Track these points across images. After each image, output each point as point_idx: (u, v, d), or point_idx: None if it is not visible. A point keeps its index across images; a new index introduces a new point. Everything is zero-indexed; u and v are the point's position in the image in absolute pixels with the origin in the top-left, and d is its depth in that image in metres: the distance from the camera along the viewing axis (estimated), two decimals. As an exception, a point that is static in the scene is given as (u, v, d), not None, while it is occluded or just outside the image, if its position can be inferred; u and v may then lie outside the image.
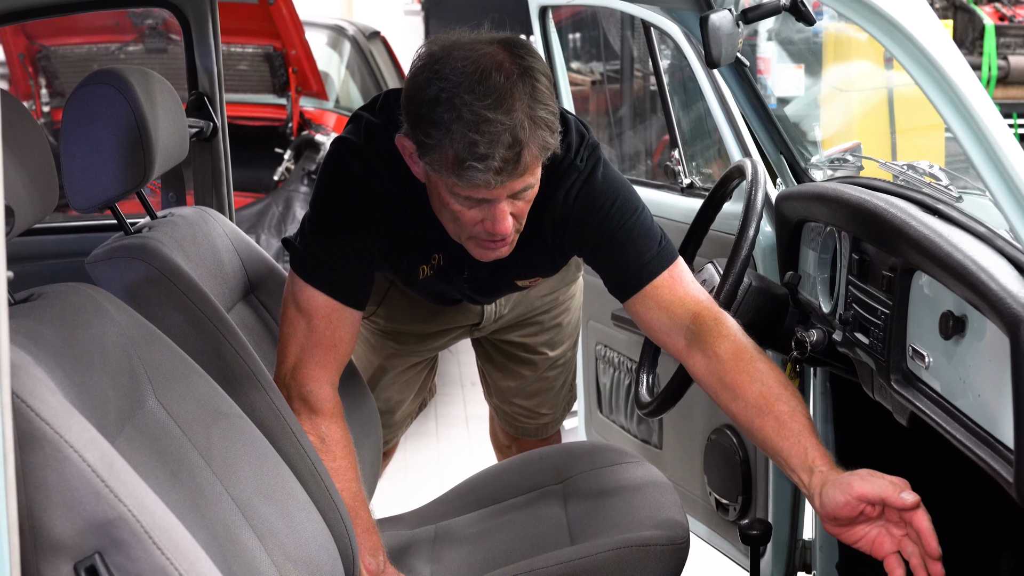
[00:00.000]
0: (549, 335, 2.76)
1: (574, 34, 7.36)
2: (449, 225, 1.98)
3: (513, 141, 1.78)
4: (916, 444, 2.06)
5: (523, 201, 1.91)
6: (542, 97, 1.82)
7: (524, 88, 1.80)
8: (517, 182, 1.84)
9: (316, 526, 1.85)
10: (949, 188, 1.93)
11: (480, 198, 1.86)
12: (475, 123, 1.77)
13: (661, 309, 2.02)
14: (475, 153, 1.77)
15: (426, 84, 1.82)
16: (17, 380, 1.26)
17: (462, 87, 1.78)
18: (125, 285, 1.97)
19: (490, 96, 1.77)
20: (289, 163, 5.25)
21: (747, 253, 2.05)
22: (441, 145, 1.80)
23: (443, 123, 1.79)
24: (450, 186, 1.86)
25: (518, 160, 1.79)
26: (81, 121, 1.93)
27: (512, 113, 1.78)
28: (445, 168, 1.82)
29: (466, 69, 1.79)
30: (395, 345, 2.63)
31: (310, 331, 2.04)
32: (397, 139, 1.94)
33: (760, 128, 2.55)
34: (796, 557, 2.69)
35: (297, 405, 2.04)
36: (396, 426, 2.78)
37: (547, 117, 1.82)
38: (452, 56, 1.82)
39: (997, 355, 1.56)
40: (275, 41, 5.14)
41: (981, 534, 2.15)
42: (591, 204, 2.03)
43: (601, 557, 2.02)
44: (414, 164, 1.94)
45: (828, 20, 6.15)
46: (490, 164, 1.78)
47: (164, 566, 1.27)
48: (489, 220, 1.89)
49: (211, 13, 2.79)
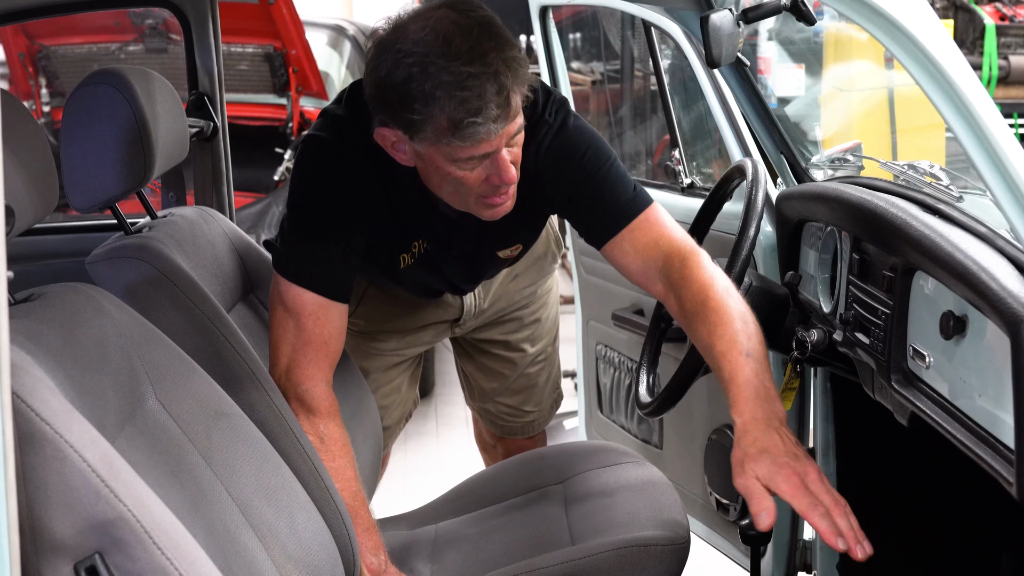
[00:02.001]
0: (529, 331, 2.76)
1: (574, 34, 7.36)
2: (451, 196, 2.00)
3: (499, 87, 1.81)
4: (916, 444, 2.06)
5: (517, 146, 1.94)
6: (507, 40, 1.86)
7: (488, 36, 1.83)
8: (512, 126, 1.87)
9: (316, 526, 1.85)
10: (950, 188, 1.93)
11: (482, 154, 1.88)
12: (458, 82, 1.79)
13: (637, 253, 2.05)
14: (469, 109, 1.80)
15: (393, 68, 1.83)
16: (17, 380, 1.26)
17: (431, 55, 1.80)
18: (125, 285, 1.97)
19: (461, 53, 1.80)
20: (289, 163, 5.25)
21: (747, 253, 2.05)
22: (432, 116, 1.82)
23: (426, 94, 1.81)
24: (450, 154, 1.88)
25: (509, 103, 1.83)
26: (81, 121, 1.93)
27: (487, 61, 1.81)
28: (443, 136, 1.84)
29: (427, 38, 1.82)
30: (376, 345, 2.63)
31: (299, 330, 2.06)
32: (376, 134, 1.95)
33: (760, 128, 2.55)
34: (796, 557, 2.69)
35: (294, 406, 2.05)
36: (386, 434, 2.76)
37: (518, 56, 1.86)
38: (406, 33, 1.84)
39: (998, 355, 1.56)
40: (275, 41, 5.14)
41: (981, 534, 2.15)
42: (565, 155, 2.07)
43: (601, 557, 2.02)
44: (399, 152, 1.96)
45: (829, 20, 6.15)
46: (488, 114, 1.81)
47: (164, 566, 1.27)
48: (495, 173, 1.91)
49: (211, 13, 2.79)
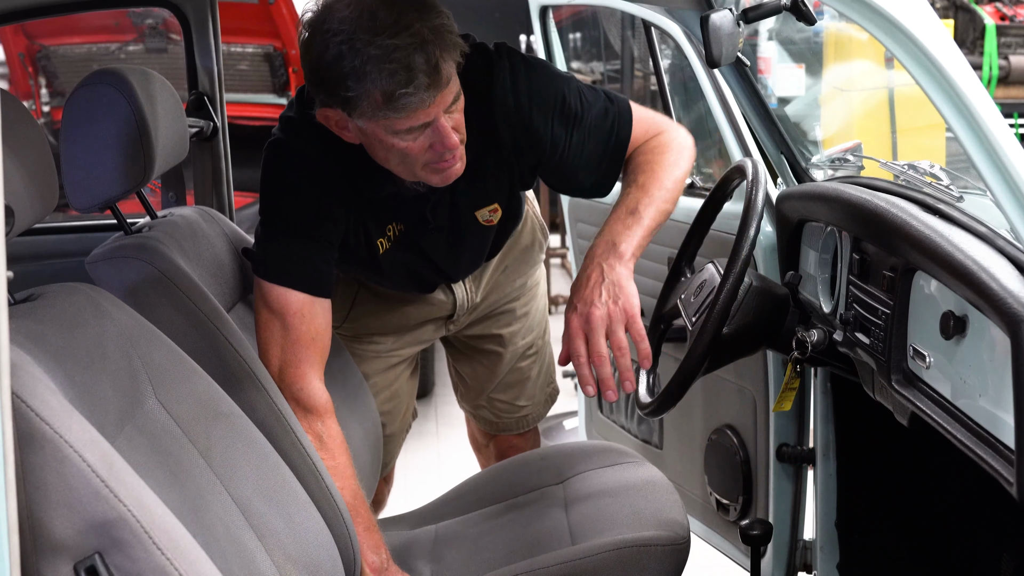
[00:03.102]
0: (520, 324, 2.76)
1: (574, 34, 7.36)
2: (399, 168, 2.02)
3: (427, 56, 1.83)
4: (917, 444, 2.06)
5: (457, 112, 1.95)
6: (432, 8, 1.88)
7: (412, 7, 1.85)
8: (446, 93, 1.89)
9: (316, 526, 1.85)
10: (950, 188, 1.93)
11: (420, 124, 1.90)
12: (385, 55, 1.81)
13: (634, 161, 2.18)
14: (399, 80, 1.82)
15: (323, 48, 1.86)
16: (17, 380, 1.26)
17: (357, 31, 1.83)
18: (125, 285, 1.97)
19: (387, 27, 1.82)
20: (289, 163, 5.25)
21: (747, 253, 2.05)
22: (364, 90, 1.84)
23: (355, 70, 1.83)
24: (388, 127, 1.90)
25: (438, 71, 1.84)
26: (81, 121, 1.93)
27: (412, 32, 1.83)
28: (378, 110, 1.86)
29: (352, 15, 1.84)
30: (372, 348, 2.62)
31: (287, 330, 2.07)
32: (318, 115, 1.98)
33: (761, 128, 2.54)
34: (797, 557, 2.69)
35: (291, 406, 2.05)
36: (390, 444, 2.75)
37: (444, 23, 1.88)
38: (332, 13, 1.87)
39: (998, 355, 1.56)
40: (275, 41, 5.13)
41: (981, 534, 2.15)
42: (543, 100, 2.10)
43: (601, 557, 2.02)
44: (344, 131, 1.99)
45: (829, 20, 6.15)
46: (418, 83, 1.82)
47: (164, 566, 1.27)
48: (436, 141, 1.93)
49: (211, 13, 2.79)
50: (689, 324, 2.17)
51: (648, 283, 3.01)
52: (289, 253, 2.08)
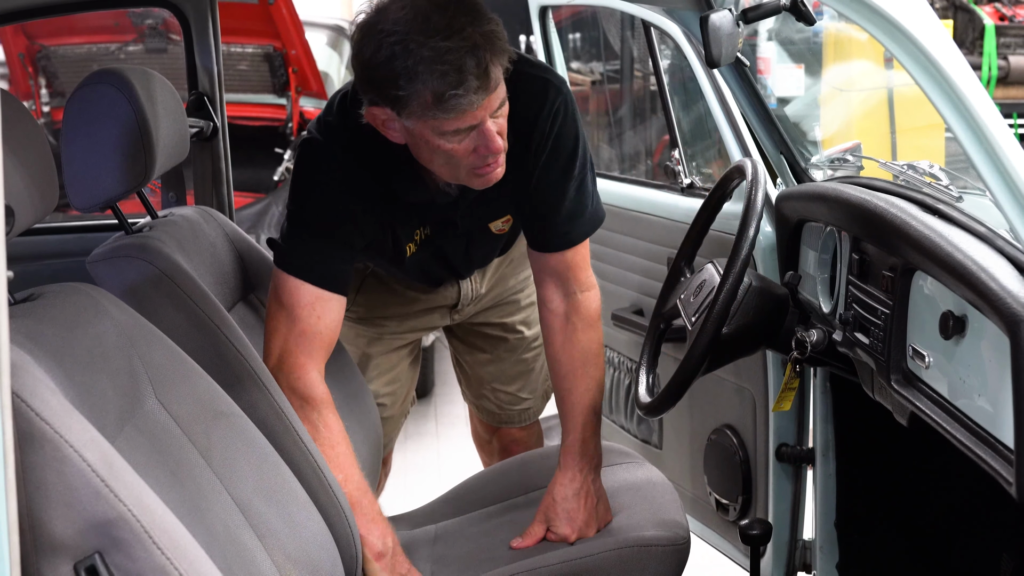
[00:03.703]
0: (525, 314, 2.78)
1: (574, 34, 7.35)
2: (443, 169, 2.05)
3: (477, 59, 1.87)
4: (916, 444, 2.06)
5: (502, 117, 1.99)
6: (482, 14, 1.92)
7: (464, 12, 1.90)
8: (493, 97, 1.93)
9: (317, 526, 1.85)
10: (949, 188, 1.93)
11: (467, 126, 1.94)
12: (437, 56, 1.86)
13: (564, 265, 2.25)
14: (449, 82, 1.86)
15: (376, 48, 1.90)
16: (17, 380, 1.26)
17: (411, 33, 1.87)
18: (126, 285, 1.97)
19: (440, 29, 1.86)
20: (289, 163, 5.25)
21: (747, 253, 2.05)
22: (415, 91, 1.88)
23: (408, 70, 1.87)
24: (436, 127, 1.94)
25: (488, 75, 1.89)
26: (82, 121, 1.93)
27: (464, 35, 1.87)
28: (427, 110, 1.90)
29: (406, 17, 1.89)
30: (376, 330, 2.66)
31: (293, 321, 2.11)
32: (367, 113, 2.01)
33: (760, 128, 2.54)
34: (796, 557, 2.69)
35: (288, 396, 2.07)
36: (388, 426, 2.77)
37: (494, 29, 1.92)
38: (386, 14, 1.91)
39: (997, 355, 1.56)
40: (275, 41, 5.13)
41: (981, 534, 2.15)
42: (566, 132, 2.16)
43: (601, 557, 2.02)
44: (390, 130, 2.02)
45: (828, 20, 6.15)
46: (468, 86, 1.87)
47: (164, 566, 1.27)
48: (481, 144, 1.97)
49: (211, 13, 2.78)
50: (689, 324, 2.17)
51: (648, 283, 3.02)
52: (309, 249, 2.12)
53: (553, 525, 2.16)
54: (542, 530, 2.17)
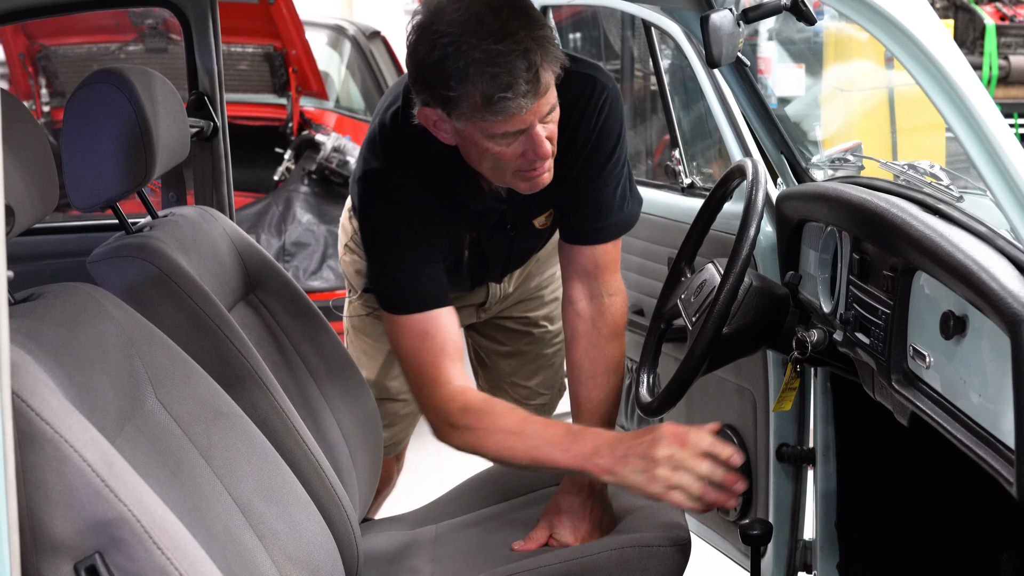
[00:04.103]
0: (548, 308, 2.79)
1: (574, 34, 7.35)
2: (490, 172, 2.06)
3: (528, 63, 1.88)
4: (917, 444, 2.06)
5: (552, 123, 2.00)
6: (536, 19, 1.93)
7: (518, 16, 1.91)
8: (543, 103, 1.93)
9: (317, 526, 1.85)
10: (950, 188, 1.93)
11: (516, 130, 1.94)
12: (489, 59, 1.87)
13: (585, 261, 2.27)
14: (500, 84, 1.87)
15: (430, 48, 1.91)
16: (17, 380, 1.26)
17: (464, 34, 1.88)
18: (126, 284, 1.97)
19: (493, 32, 1.87)
20: (289, 163, 5.25)
21: (747, 253, 2.05)
22: (465, 92, 1.89)
23: (459, 71, 1.88)
24: (485, 129, 1.94)
25: (538, 79, 1.90)
26: (83, 120, 1.93)
27: (516, 39, 1.88)
28: (476, 112, 1.91)
29: (460, 19, 1.90)
30: None
31: (431, 352, 2.11)
32: (418, 114, 2.01)
33: (761, 128, 2.54)
34: (797, 557, 2.69)
35: (460, 418, 2.06)
36: (405, 422, 2.78)
37: (547, 34, 1.93)
38: (442, 15, 1.92)
39: (998, 355, 1.56)
40: (275, 41, 5.13)
41: (981, 534, 2.15)
42: (611, 127, 2.17)
43: (602, 557, 2.02)
44: (441, 131, 2.02)
45: (829, 20, 6.15)
46: (517, 90, 1.88)
47: (164, 566, 1.27)
48: (530, 149, 1.97)
49: (211, 13, 2.78)
50: (689, 324, 2.17)
51: (648, 283, 3.02)
52: (403, 285, 2.13)
53: (556, 532, 2.16)
54: (545, 535, 2.17)
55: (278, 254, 4.91)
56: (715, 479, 1.92)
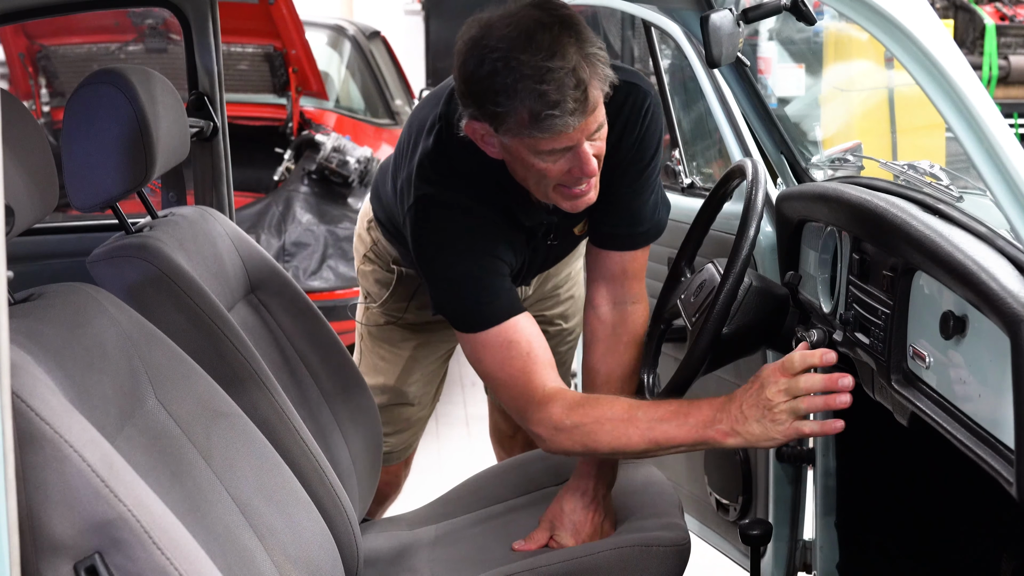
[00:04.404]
0: (564, 307, 2.79)
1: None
2: (535, 187, 2.04)
3: (577, 81, 1.87)
4: (916, 444, 2.06)
5: (599, 140, 1.98)
6: (587, 37, 1.92)
7: (569, 34, 1.89)
8: (591, 121, 1.92)
9: (317, 526, 1.85)
10: (950, 188, 1.93)
11: (563, 147, 1.93)
12: (538, 76, 1.85)
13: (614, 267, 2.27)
14: (547, 102, 1.86)
15: (479, 63, 1.90)
16: (17, 380, 1.26)
17: (514, 50, 1.87)
18: (126, 285, 1.97)
19: (543, 49, 1.86)
20: (289, 163, 5.25)
21: (747, 253, 2.05)
22: (513, 108, 1.88)
23: (508, 87, 1.87)
24: (532, 146, 1.93)
25: (586, 98, 1.88)
26: (83, 120, 1.93)
27: (567, 57, 1.87)
28: (523, 128, 1.90)
29: (511, 34, 1.88)
30: (425, 336, 2.66)
31: (520, 359, 2.07)
32: (466, 127, 2.00)
33: (761, 128, 2.54)
34: (796, 557, 2.69)
35: (566, 419, 2.02)
36: (416, 427, 2.78)
37: (598, 53, 1.92)
38: (493, 30, 1.91)
39: (998, 355, 1.56)
40: (275, 41, 5.13)
41: (981, 534, 2.15)
42: (651, 136, 2.17)
43: (602, 556, 2.02)
44: (488, 145, 2.01)
45: (829, 20, 6.15)
46: (565, 107, 1.86)
47: (164, 566, 1.27)
48: (576, 166, 1.96)
49: (211, 13, 2.78)
50: (689, 324, 2.17)
51: (648, 283, 3.01)
52: (484, 299, 2.08)
53: (557, 534, 2.16)
54: (545, 537, 2.16)
55: (278, 254, 4.92)
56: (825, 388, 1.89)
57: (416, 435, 2.81)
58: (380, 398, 2.63)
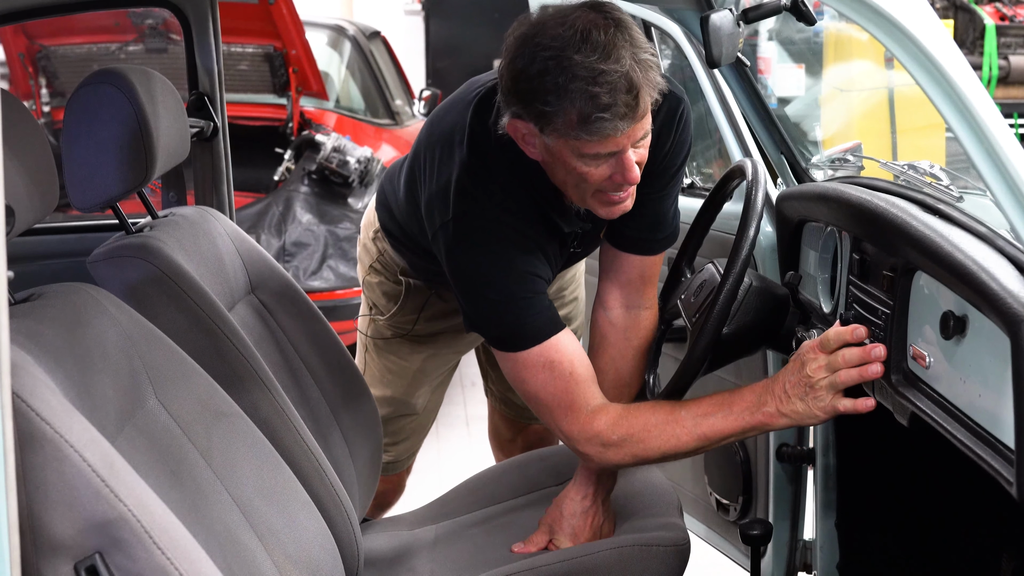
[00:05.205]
0: (568, 308, 2.78)
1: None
2: (572, 191, 2.01)
3: (629, 85, 1.84)
4: (916, 444, 2.06)
5: (643, 147, 1.96)
6: (641, 42, 1.89)
7: (624, 37, 1.87)
8: (638, 127, 1.90)
9: (317, 526, 1.85)
10: (950, 188, 1.93)
11: (607, 152, 1.90)
12: (591, 77, 1.83)
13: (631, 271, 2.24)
14: (599, 104, 1.83)
15: (530, 60, 1.87)
16: (17, 380, 1.26)
17: (568, 50, 1.84)
18: (126, 285, 1.97)
19: (597, 50, 1.83)
20: (289, 163, 5.25)
21: (747, 253, 2.05)
22: (563, 108, 1.85)
23: (559, 87, 1.84)
24: (577, 148, 1.90)
25: (637, 104, 1.86)
26: (83, 120, 1.93)
27: (621, 60, 1.84)
28: (571, 129, 1.87)
29: (565, 34, 1.85)
30: (433, 347, 2.64)
31: (563, 379, 2.05)
32: (508, 125, 1.97)
33: (761, 128, 2.54)
34: (796, 557, 2.69)
35: (613, 434, 2.02)
36: (418, 435, 2.77)
37: (651, 59, 1.89)
38: (546, 29, 1.88)
39: (998, 355, 1.56)
40: (275, 41, 5.13)
41: (981, 534, 2.15)
42: (682, 143, 2.15)
43: (601, 556, 2.02)
44: (529, 145, 1.98)
45: (829, 20, 6.16)
46: (615, 111, 1.84)
47: (164, 566, 1.27)
48: (618, 172, 1.93)
49: (211, 13, 2.78)
50: (689, 324, 2.17)
51: (648, 283, 3.02)
52: (526, 318, 2.04)
53: (556, 537, 2.16)
54: (545, 539, 2.16)
55: (278, 254, 4.92)
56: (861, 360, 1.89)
57: (418, 443, 2.80)
58: (385, 410, 2.60)
